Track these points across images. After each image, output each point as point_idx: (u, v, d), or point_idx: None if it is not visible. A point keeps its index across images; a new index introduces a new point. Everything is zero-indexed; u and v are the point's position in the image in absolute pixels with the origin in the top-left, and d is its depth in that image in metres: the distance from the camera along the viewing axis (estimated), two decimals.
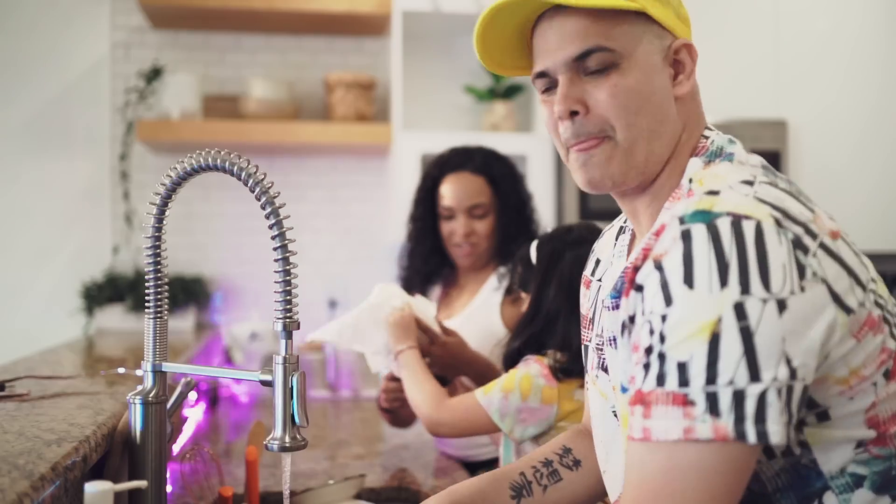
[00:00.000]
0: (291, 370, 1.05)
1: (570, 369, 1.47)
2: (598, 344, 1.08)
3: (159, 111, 3.11)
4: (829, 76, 3.16)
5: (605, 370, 1.05)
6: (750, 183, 0.87)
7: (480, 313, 2.08)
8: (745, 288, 0.78)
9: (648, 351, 0.83)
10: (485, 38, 1.01)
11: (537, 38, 0.99)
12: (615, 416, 1.04)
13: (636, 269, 0.88)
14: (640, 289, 0.86)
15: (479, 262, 2.15)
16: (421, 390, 1.58)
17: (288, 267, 1.03)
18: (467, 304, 2.13)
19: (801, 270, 0.80)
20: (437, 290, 2.25)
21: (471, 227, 2.10)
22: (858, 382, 0.83)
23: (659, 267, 0.83)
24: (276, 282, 1.03)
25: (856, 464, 0.84)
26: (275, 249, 1.03)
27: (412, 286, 2.26)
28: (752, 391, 0.77)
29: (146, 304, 1.17)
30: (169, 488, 1.26)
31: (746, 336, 0.77)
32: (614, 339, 1.00)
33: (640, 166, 0.96)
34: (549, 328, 1.52)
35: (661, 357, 0.81)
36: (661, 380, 0.81)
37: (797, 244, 0.81)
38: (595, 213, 2.99)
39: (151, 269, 1.16)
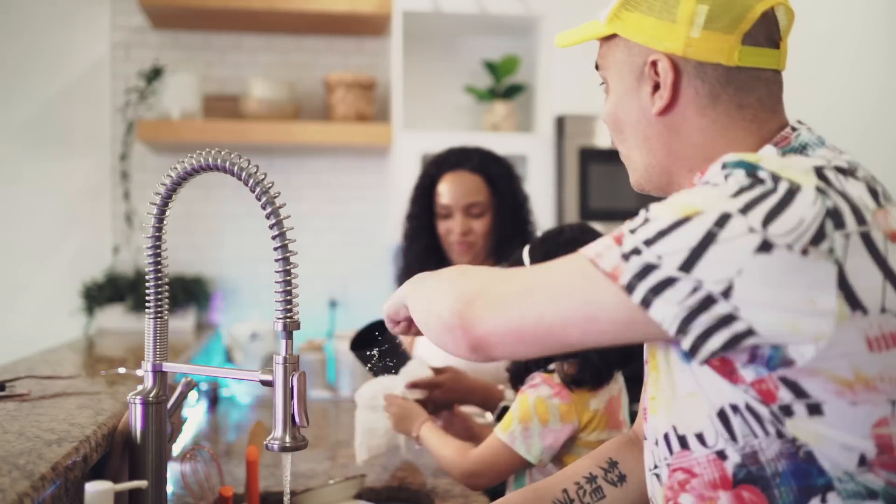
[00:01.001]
0: (291, 370, 1.05)
1: (580, 379, 1.44)
2: None
3: (159, 111, 3.11)
4: (829, 77, 3.16)
5: None
6: (819, 168, 0.83)
7: None
8: (744, 209, 0.77)
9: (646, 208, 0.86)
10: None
11: None
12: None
13: None
14: None
15: (476, 261, 2.15)
16: (445, 454, 1.54)
17: (288, 267, 1.03)
18: None
19: (818, 237, 0.76)
20: None
21: (468, 226, 2.10)
22: (866, 392, 0.78)
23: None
24: (276, 282, 1.03)
25: (867, 477, 0.80)
26: (275, 249, 1.03)
27: None
28: (669, 272, 0.78)
29: (146, 304, 1.17)
30: (169, 488, 1.26)
31: (708, 238, 0.77)
32: None
33: (646, 175, 1.02)
34: None
35: (646, 209, 0.85)
36: (628, 223, 0.85)
37: (833, 214, 0.77)
38: (595, 212, 2.99)
39: (152, 269, 1.16)
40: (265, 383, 1.07)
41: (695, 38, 0.92)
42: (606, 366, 1.44)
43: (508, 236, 2.13)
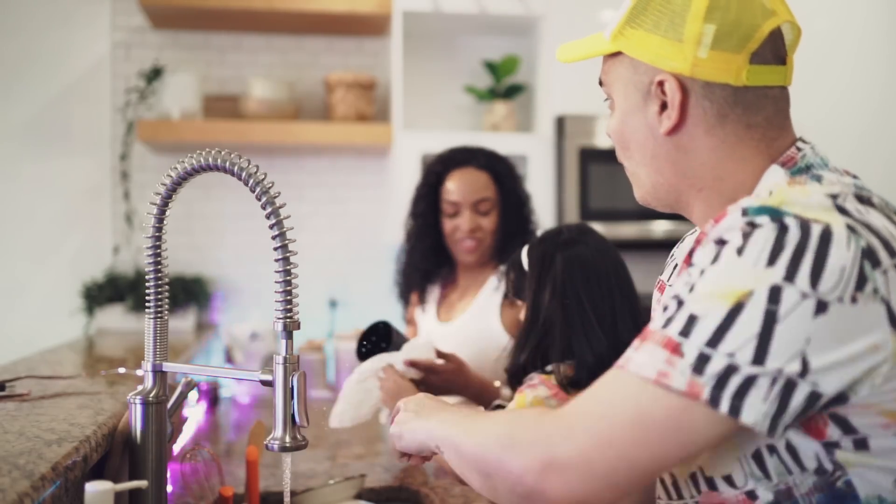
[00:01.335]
0: (291, 370, 1.05)
1: (578, 380, 1.43)
2: None
3: (160, 111, 3.11)
4: (831, 77, 3.16)
5: None
6: (835, 196, 0.82)
7: (481, 316, 2.08)
8: (789, 275, 0.75)
9: (675, 297, 0.81)
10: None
11: None
12: None
13: (691, 253, 0.86)
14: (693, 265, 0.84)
15: (482, 259, 2.15)
16: None
17: (288, 267, 1.03)
18: (468, 307, 2.13)
19: (861, 282, 0.76)
20: (435, 290, 2.25)
21: (476, 223, 2.10)
22: None
23: (720, 242, 0.81)
24: (276, 282, 1.03)
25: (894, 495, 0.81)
26: (275, 249, 1.03)
27: (411, 284, 2.26)
28: (747, 371, 0.75)
29: (146, 304, 1.17)
30: (169, 488, 1.26)
31: (769, 320, 0.75)
32: None
33: (653, 192, 1.00)
34: (549, 337, 1.48)
35: (680, 303, 0.80)
36: (667, 323, 0.80)
37: (868, 254, 0.77)
38: (595, 212, 2.99)
39: (152, 269, 1.16)
40: (265, 383, 1.07)
41: (702, 59, 0.90)
42: (603, 368, 1.43)
43: (512, 235, 2.12)
